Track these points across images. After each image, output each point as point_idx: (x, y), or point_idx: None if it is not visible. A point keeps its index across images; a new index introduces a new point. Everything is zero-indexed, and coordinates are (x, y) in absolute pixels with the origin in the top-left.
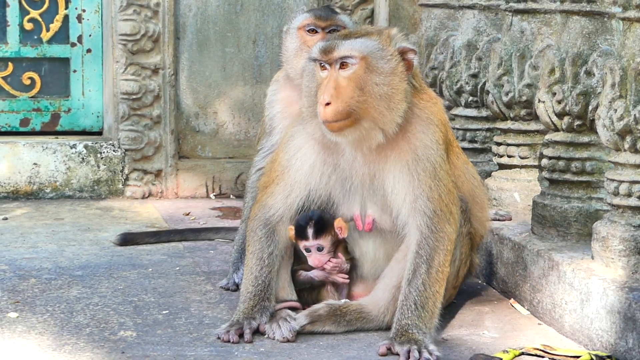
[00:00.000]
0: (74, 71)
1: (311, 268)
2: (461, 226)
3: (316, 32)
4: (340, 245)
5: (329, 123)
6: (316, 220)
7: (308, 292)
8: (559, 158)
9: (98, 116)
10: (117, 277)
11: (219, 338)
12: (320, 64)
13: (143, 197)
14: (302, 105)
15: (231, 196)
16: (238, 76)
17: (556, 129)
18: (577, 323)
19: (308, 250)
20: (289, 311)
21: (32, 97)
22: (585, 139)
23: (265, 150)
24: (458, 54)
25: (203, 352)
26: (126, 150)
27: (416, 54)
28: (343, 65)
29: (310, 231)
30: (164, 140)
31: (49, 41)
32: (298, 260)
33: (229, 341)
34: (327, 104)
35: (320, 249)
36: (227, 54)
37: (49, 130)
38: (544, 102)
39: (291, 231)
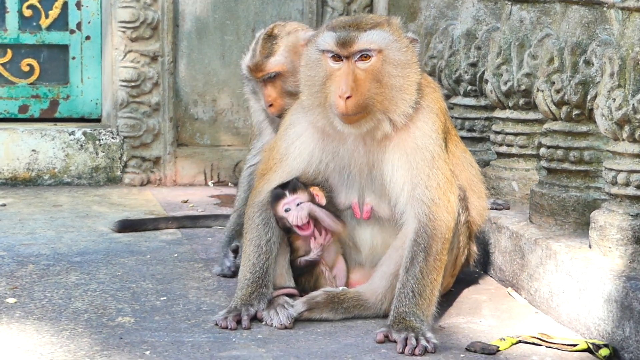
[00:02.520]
0: (73, 58)
1: (309, 252)
2: (459, 214)
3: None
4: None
5: (348, 116)
6: (288, 182)
7: (306, 279)
8: (557, 147)
9: (97, 103)
10: (115, 264)
11: (216, 324)
12: (335, 55)
13: (141, 184)
14: (301, 93)
15: (229, 184)
16: (237, 64)
17: (555, 118)
18: (574, 312)
19: (287, 210)
20: (287, 298)
21: (30, 83)
22: (583, 128)
23: (257, 149)
24: (457, 43)
25: (201, 339)
26: (125, 137)
27: (418, 43)
28: (361, 57)
29: (285, 190)
30: (162, 128)
31: (48, 28)
32: (294, 252)
33: (226, 327)
34: (348, 97)
35: (299, 204)
36: (226, 42)
37: (47, 117)
38: (542, 91)
39: (273, 210)
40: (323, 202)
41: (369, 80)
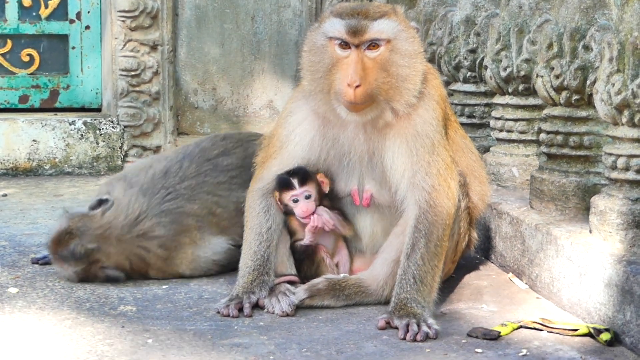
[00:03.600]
0: (73, 48)
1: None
2: (460, 200)
3: None
4: (324, 204)
5: (356, 105)
6: (296, 170)
7: (307, 267)
8: (557, 132)
9: (97, 93)
10: None
11: (218, 312)
12: (342, 42)
13: None
14: (303, 79)
15: None
16: (237, 52)
17: (554, 104)
18: (575, 296)
19: (295, 200)
20: (288, 285)
21: (31, 73)
22: (583, 113)
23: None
24: (456, 29)
25: (203, 327)
26: (125, 126)
27: (419, 32)
28: (370, 46)
29: (295, 180)
30: (162, 117)
31: (48, 18)
32: (292, 235)
33: (228, 315)
34: (358, 86)
35: (308, 197)
36: (226, 30)
37: (48, 107)
38: (542, 76)
39: (275, 197)
40: (327, 189)
41: (376, 70)
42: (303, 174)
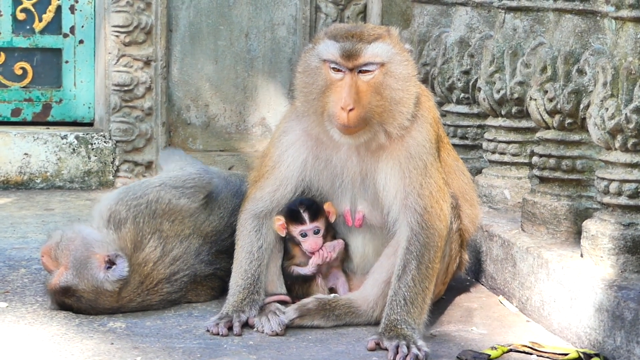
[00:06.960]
0: (66, 62)
1: (305, 262)
2: (451, 222)
3: None
4: (329, 234)
5: (349, 128)
6: (308, 204)
7: (298, 286)
8: (549, 156)
9: (89, 107)
10: None
11: (208, 331)
12: (337, 65)
13: None
14: (296, 99)
15: None
16: (230, 69)
17: (547, 127)
18: (565, 321)
19: (304, 235)
20: (278, 305)
21: (23, 87)
22: (576, 137)
23: None
24: (450, 50)
25: (192, 345)
26: (117, 141)
27: (413, 54)
28: (364, 70)
29: (306, 215)
30: (155, 132)
31: (42, 31)
32: (287, 255)
33: (218, 334)
34: (351, 109)
35: (316, 232)
36: (220, 47)
37: (40, 121)
38: (535, 99)
39: (278, 221)
40: (333, 218)
41: (370, 93)
42: (315, 210)
